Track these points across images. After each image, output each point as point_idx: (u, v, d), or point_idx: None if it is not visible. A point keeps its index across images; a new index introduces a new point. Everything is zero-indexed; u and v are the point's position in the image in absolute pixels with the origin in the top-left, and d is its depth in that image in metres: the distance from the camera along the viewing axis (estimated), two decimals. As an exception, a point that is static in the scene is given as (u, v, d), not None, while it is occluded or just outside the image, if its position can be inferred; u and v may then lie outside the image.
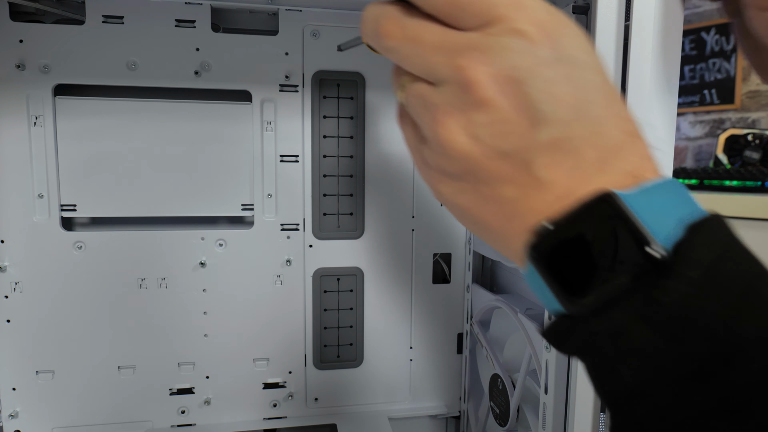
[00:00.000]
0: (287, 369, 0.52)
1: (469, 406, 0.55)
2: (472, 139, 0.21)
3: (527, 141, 0.20)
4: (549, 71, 0.20)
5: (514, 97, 0.20)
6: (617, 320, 0.19)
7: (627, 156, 0.20)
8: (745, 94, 1.67)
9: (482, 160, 0.21)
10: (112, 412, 0.49)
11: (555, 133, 0.20)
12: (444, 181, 0.23)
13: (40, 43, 0.44)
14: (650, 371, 0.18)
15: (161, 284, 0.48)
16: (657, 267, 0.18)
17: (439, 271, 0.55)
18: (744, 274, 0.18)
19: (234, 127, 0.48)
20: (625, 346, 0.19)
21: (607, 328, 0.19)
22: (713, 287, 0.18)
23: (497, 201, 0.21)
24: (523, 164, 0.20)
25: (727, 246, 0.19)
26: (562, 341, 0.21)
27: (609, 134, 0.20)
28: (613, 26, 0.29)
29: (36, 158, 0.45)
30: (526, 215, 0.21)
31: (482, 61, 0.20)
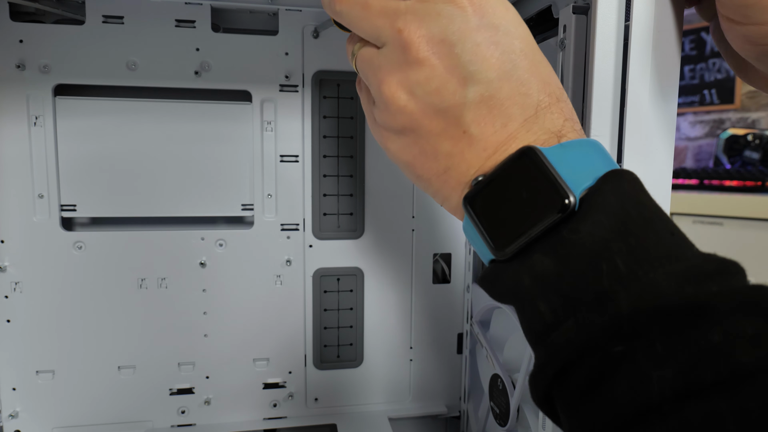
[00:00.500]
0: (287, 369, 0.52)
1: (469, 406, 0.55)
2: (410, 95, 0.23)
3: (458, 98, 0.22)
4: (478, 35, 0.22)
5: (445, 57, 0.22)
6: (535, 259, 0.20)
7: (550, 116, 0.22)
8: (745, 94, 1.67)
9: (419, 115, 0.23)
10: (112, 412, 0.49)
11: (482, 91, 0.22)
12: (390, 137, 0.25)
13: (40, 43, 0.44)
14: (559, 301, 0.20)
15: (161, 284, 0.48)
16: (569, 211, 0.20)
17: (439, 271, 0.55)
18: (641, 214, 0.20)
19: (234, 127, 0.48)
20: (542, 281, 0.20)
21: (527, 266, 0.21)
22: (612, 224, 0.19)
23: (435, 155, 0.23)
24: (455, 120, 0.22)
25: (628, 193, 0.20)
26: (492, 285, 0.23)
27: (533, 96, 0.22)
28: (613, 26, 0.29)
29: (36, 158, 0.45)
30: (461, 169, 0.23)
31: (418, 25, 0.22)
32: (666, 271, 0.18)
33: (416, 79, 0.22)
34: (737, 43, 0.26)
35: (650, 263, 0.18)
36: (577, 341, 0.19)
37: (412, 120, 0.23)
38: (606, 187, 0.20)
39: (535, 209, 0.21)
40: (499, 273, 0.22)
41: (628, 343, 0.18)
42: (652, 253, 0.19)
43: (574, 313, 0.19)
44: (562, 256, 0.20)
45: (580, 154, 0.21)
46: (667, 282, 0.18)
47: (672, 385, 0.17)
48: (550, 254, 0.20)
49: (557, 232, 0.20)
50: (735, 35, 0.26)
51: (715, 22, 0.29)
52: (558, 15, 0.35)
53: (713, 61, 1.72)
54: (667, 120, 0.30)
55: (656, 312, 0.18)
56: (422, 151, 0.24)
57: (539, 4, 0.38)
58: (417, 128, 0.23)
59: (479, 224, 0.22)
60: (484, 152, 0.22)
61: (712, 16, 0.29)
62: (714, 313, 0.17)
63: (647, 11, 0.29)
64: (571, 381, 0.19)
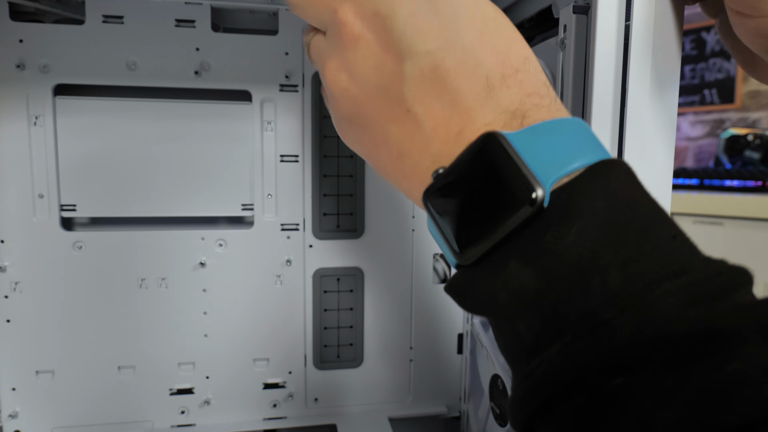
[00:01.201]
0: (287, 369, 0.52)
1: (469, 407, 0.55)
2: (351, 77, 0.21)
3: (396, 74, 0.20)
4: (412, 5, 0.20)
5: (380, 32, 0.20)
6: (511, 269, 0.18)
7: (506, 92, 0.19)
8: (745, 93, 1.67)
9: (362, 98, 0.21)
10: (112, 412, 0.49)
11: (421, 64, 0.20)
12: (343, 128, 0.24)
13: (40, 42, 0.44)
14: (541, 323, 0.17)
15: (161, 284, 0.48)
16: (537, 207, 0.17)
17: (439, 271, 0.55)
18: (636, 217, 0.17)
19: (234, 126, 0.48)
20: (520, 298, 0.17)
21: (503, 279, 0.18)
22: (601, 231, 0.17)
23: (386, 142, 0.21)
24: (396, 99, 0.20)
25: (619, 192, 0.17)
26: (461, 296, 0.20)
27: (483, 67, 0.19)
28: (613, 26, 0.29)
29: (36, 158, 0.45)
30: (414, 155, 0.21)
31: (352, 3, 0.21)
32: (667, 289, 0.15)
33: (354, 59, 0.21)
34: (747, 37, 0.26)
35: (648, 279, 0.16)
36: (563, 373, 0.16)
37: (356, 104, 0.22)
38: (593, 185, 0.17)
39: (500, 207, 0.18)
40: (469, 283, 0.19)
41: (627, 377, 0.15)
42: (650, 265, 0.16)
43: (560, 339, 0.16)
44: (544, 269, 0.17)
45: (552, 138, 0.18)
46: (671, 303, 0.15)
47: (685, 430, 0.14)
48: (529, 265, 0.17)
49: (536, 238, 0.17)
50: (745, 29, 0.26)
51: (722, 18, 0.29)
52: (558, 15, 0.35)
53: (713, 60, 1.72)
54: (668, 120, 0.30)
55: (660, 340, 0.15)
56: (372, 139, 0.22)
57: (539, 4, 0.38)
58: (362, 113, 0.22)
59: (439, 223, 0.20)
60: (434, 133, 0.20)
61: (718, 12, 0.29)
62: (729, 340, 0.14)
63: (647, 11, 0.29)
64: (556, 419, 0.17)
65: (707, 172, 1.37)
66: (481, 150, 0.19)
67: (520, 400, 0.17)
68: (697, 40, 1.74)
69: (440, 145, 0.20)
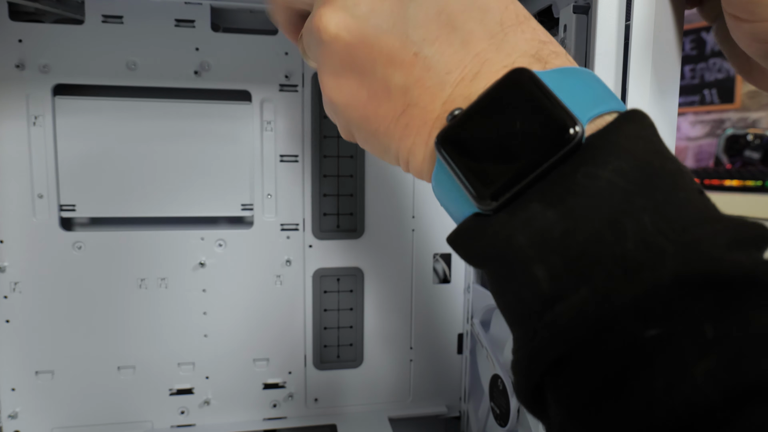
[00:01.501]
0: (287, 369, 0.52)
1: (469, 407, 0.55)
2: (346, 22, 0.19)
3: (400, 17, 0.19)
4: None
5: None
6: (532, 210, 0.16)
7: (522, 36, 0.19)
8: (745, 93, 1.67)
9: (358, 44, 0.19)
10: (112, 412, 0.49)
11: (426, 6, 0.18)
12: (332, 85, 0.21)
13: (40, 43, 0.44)
14: (565, 265, 0.15)
15: (161, 284, 0.48)
16: (575, 143, 0.16)
17: (439, 271, 0.55)
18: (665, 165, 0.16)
19: (234, 126, 0.48)
20: (541, 240, 0.16)
21: (521, 220, 0.16)
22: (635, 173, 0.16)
23: (388, 93, 0.19)
24: (400, 40, 0.19)
25: (650, 139, 0.17)
26: (469, 243, 0.18)
27: (493, 10, 0.19)
28: (613, 26, 0.29)
29: (35, 158, 0.45)
30: (424, 102, 0.19)
31: None
32: (707, 233, 0.14)
33: (348, 1, 0.19)
34: (744, 42, 0.26)
35: (685, 222, 0.15)
36: (593, 318, 0.14)
37: (350, 50, 0.19)
38: (629, 128, 0.16)
39: (533, 143, 0.16)
40: (479, 228, 0.17)
41: (666, 324, 0.14)
42: (684, 211, 0.15)
43: (589, 282, 0.15)
44: (571, 209, 0.15)
45: (580, 82, 0.18)
46: (714, 245, 0.14)
47: (730, 382, 0.13)
48: (554, 205, 0.16)
49: (563, 178, 0.16)
50: (741, 33, 0.26)
51: (719, 22, 0.29)
52: (558, 15, 0.35)
53: (713, 60, 1.72)
54: (668, 120, 0.30)
55: (706, 282, 0.14)
56: (371, 93, 0.20)
57: (539, 4, 0.38)
58: (358, 61, 0.19)
59: (457, 168, 0.18)
60: (448, 76, 0.18)
61: (716, 16, 0.29)
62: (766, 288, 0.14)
63: (647, 11, 0.29)
64: (577, 374, 0.15)
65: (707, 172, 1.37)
66: (510, 86, 0.17)
67: (534, 354, 0.16)
68: (697, 40, 1.74)
69: (453, 88, 0.18)
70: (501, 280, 0.17)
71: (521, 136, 0.17)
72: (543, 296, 0.15)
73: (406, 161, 0.20)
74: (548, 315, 0.15)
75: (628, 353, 0.14)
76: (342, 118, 0.22)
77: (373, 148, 0.22)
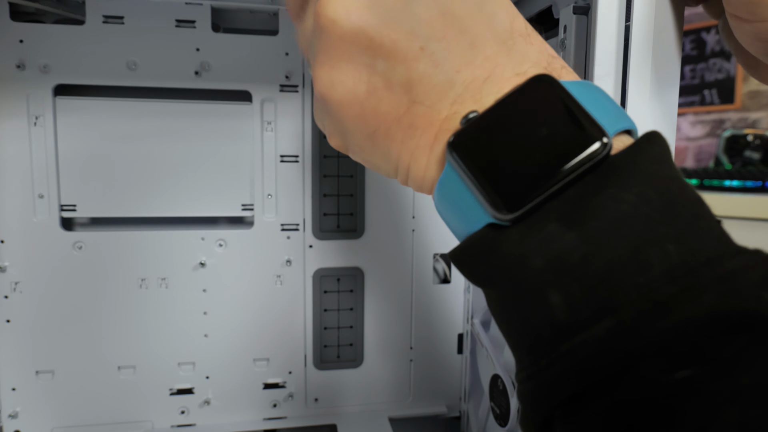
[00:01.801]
0: (287, 369, 0.52)
1: (469, 407, 0.55)
2: (353, 4, 0.18)
3: (404, 12, 0.17)
4: None
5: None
6: (551, 230, 0.15)
7: (531, 48, 0.18)
8: (745, 94, 1.67)
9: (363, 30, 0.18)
10: (112, 412, 0.49)
11: (430, 7, 0.17)
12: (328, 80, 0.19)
13: (40, 43, 0.44)
14: (584, 294, 0.14)
15: (161, 284, 0.48)
16: (604, 155, 0.15)
17: (439, 270, 0.55)
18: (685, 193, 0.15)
19: (234, 127, 0.48)
20: (559, 263, 0.15)
21: (538, 240, 0.15)
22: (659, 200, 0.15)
23: (390, 87, 0.18)
24: (405, 34, 0.17)
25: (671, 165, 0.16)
26: (474, 260, 0.17)
27: (501, 18, 0.18)
28: (613, 26, 0.29)
29: (36, 158, 0.45)
30: (430, 100, 0.17)
31: None
32: (734, 267, 0.14)
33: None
34: (746, 41, 0.26)
35: (708, 255, 0.14)
36: (618, 354, 0.13)
37: (350, 38, 0.18)
38: (650, 151, 0.15)
39: (558, 153, 0.15)
40: (489, 245, 0.16)
41: (699, 366, 0.13)
42: (707, 242, 0.14)
43: (613, 313, 0.14)
44: (593, 233, 0.14)
45: (600, 96, 0.17)
46: (746, 282, 0.13)
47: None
48: (574, 227, 0.15)
49: (584, 199, 0.15)
50: (743, 33, 0.26)
51: (724, 20, 0.29)
52: (558, 15, 0.35)
53: (713, 61, 1.72)
54: (668, 120, 0.30)
55: (743, 323, 0.13)
56: (371, 88, 0.18)
57: (539, 4, 0.38)
58: (358, 51, 0.18)
59: (471, 174, 0.16)
60: (457, 75, 0.17)
61: (720, 13, 0.29)
62: None
63: (647, 11, 0.29)
64: (598, 416, 0.14)
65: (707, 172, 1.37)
66: (536, 92, 0.16)
67: (547, 387, 0.15)
68: (697, 40, 1.74)
69: (463, 89, 0.17)
70: (508, 303, 0.16)
71: (546, 145, 0.16)
72: (558, 324, 0.14)
73: (407, 168, 0.19)
74: (564, 345, 0.14)
75: (655, 396, 0.13)
76: (335, 119, 0.20)
77: (368, 155, 0.20)
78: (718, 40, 1.70)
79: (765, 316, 0.13)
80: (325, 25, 0.18)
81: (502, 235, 0.16)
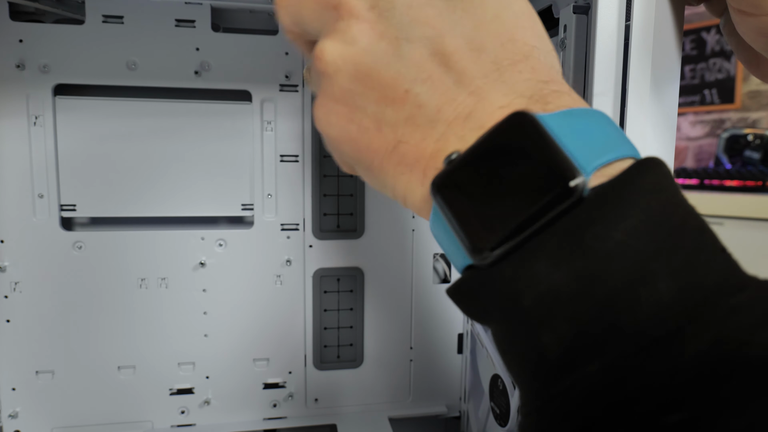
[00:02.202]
0: (287, 369, 0.52)
1: (469, 407, 0.55)
2: (344, 54, 0.19)
3: (393, 56, 0.18)
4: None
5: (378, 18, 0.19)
6: (539, 270, 0.15)
7: (518, 77, 0.18)
8: (745, 94, 1.67)
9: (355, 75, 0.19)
10: (112, 412, 0.49)
11: (420, 48, 0.18)
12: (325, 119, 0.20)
13: (40, 42, 0.44)
14: (573, 333, 0.14)
15: (161, 284, 0.48)
16: (576, 198, 0.15)
17: (439, 270, 0.55)
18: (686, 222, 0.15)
19: (234, 126, 0.48)
20: (549, 302, 0.15)
21: (527, 279, 0.15)
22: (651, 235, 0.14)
23: (379, 126, 0.19)
24: (393, 79, 0.18)
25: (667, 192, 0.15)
26: (469, 298, 0.18)
27: (488, 51, 0.18)
28: (613, 26, 0.29)
29: (36, 158, 0.45)
30: (415, 140, 0.18)
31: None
32: (732, 306, 0.13)
33: (350, 35, 0.19)
34: (750, 36, 0.26)
35: (706, 292, 0.14)
36: (604, 398, 0.13)
37: (345, 81, 0.19)
38: (645, 181, 0.15)
39: (530, 197, 0.15)
40: (480, 283, 0.17)
41: (690, 409, 0.12)
42: (706, 277, 0.14)
43: (600, 356, 0.14)
44: (582, 271, 0.14)
45: (588, 125, 0.17)
46: (740, 323, 0.13)
47: None
48: (562, 265, 0.15)
49: (571, 235, 0.15)
50: (747, 27, 0.26)
51: (726, 17, 0.29)
52: (558, 15, 0.35)
53: (713, 60, 1.72)
54: (668, 120, 0.30)
55: (734, 365, 0.13)
56: (362, 127, 0.19)
57: (539, 4, 0.38)
58: (352, 94, 0.19)
59: (453, 217, 0.17)
60: (439, 114, 0.18)
61: (722, 11, 0.29)
62: None
63: (647, 11, 0.29)
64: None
65: (707, 172, 1.37)
66: (509, 131, 0.16)
67: (545, 425, 0.15)
68: (697, 40, 1.74)
69: (446, 128, 0.18)
70: (505, 339, 0.17)
71: (520, 186, 0.16)
72: (550, 363, 0.14)
73: (404, 199, 0.20)
74: (557, 386, 0.14)
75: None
76: (336, 150, 0.21)
77: (371, 182, 0.21)
78: (718, 40, 1.70)
79: (755, 359, 0.13)
80: (322, 69, 0.20)
81: (493, 273, 0.16)
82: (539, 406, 0.15)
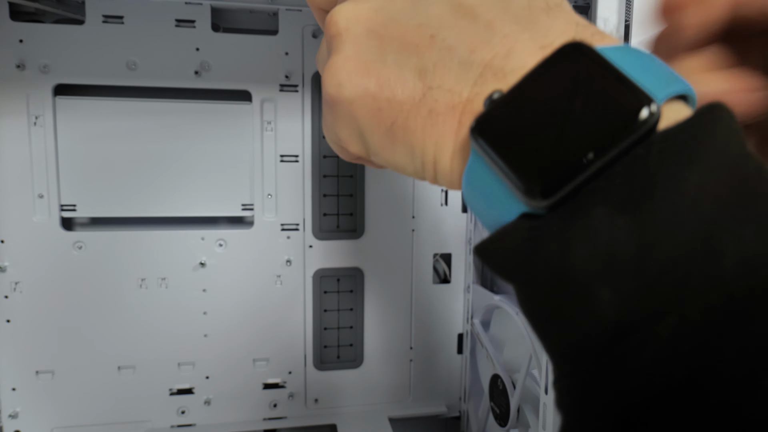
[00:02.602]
0: (287, 369, 0.52)
1: (469, 407, 0.55)
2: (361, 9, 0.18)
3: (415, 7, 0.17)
4: None
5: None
6: (597, 217, 0.13)
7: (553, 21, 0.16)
8: (745, 94, 1.67)
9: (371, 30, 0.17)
10: (112, 412, 0.49)
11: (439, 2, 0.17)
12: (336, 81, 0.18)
13: (40, 43, 0.44)
14: (640, 291, 0.12)
15: (161, 284, 0.48)
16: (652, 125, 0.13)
17: (439, 270, 0.55)
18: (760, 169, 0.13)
19: (234, 126, 0.48)
20: (610, 256, 0.13)
21: (582, 229, 0.13)
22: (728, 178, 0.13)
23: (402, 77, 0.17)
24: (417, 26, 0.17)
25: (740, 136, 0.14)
26: (510, 254, 0.15)
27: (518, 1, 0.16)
28: (613, 25, 0.29)
29: (36, 158, 0.45)
30: (448, 84, 0.16)
31: None
32: None
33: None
34: None
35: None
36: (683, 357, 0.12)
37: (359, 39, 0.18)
38: (720, 122, 0.13)
39: (596, 128, 0.13)
40: (522, 236, 0.15)
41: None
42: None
43: (676, 312, 0.12)
44: (650, 218, 0.12)
45: (643, 59, 0.15)
46: None
47: None
48: (626, 211, 0.13)
49: (634, 176, 0.13)
50: None
51: None
52: (558, 15, 0.35)
53: (714, 61, 1.72)
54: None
55: None
56: (382, 80, 0.17)
57: (539, 4, 0.38)
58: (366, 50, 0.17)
59: (499, 158, 0.15)
60: (473, 55, 0.16)
61: None
62: None
63: (647, 11, 0.29)
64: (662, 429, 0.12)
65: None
66: (565, 61, 0.15)
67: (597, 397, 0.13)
68: (697, 40, 1.74)
69: (483, 68, 0.16)
70: (545, 300, 0.14)
71: (580, 120, 0.14)
72: (607, 324, 0.13)
73: (433, 161, 0.17)
74: (617, 348, 0.12)
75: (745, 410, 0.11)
76: (348, 119, 0.18)
77: (390, 154, 0.18)
78: (718, 40, 1.70)
79: None
80: (335, 32, 0.18)
81: (540, 224, 0.14)
82: (592, 373, 0.13)
